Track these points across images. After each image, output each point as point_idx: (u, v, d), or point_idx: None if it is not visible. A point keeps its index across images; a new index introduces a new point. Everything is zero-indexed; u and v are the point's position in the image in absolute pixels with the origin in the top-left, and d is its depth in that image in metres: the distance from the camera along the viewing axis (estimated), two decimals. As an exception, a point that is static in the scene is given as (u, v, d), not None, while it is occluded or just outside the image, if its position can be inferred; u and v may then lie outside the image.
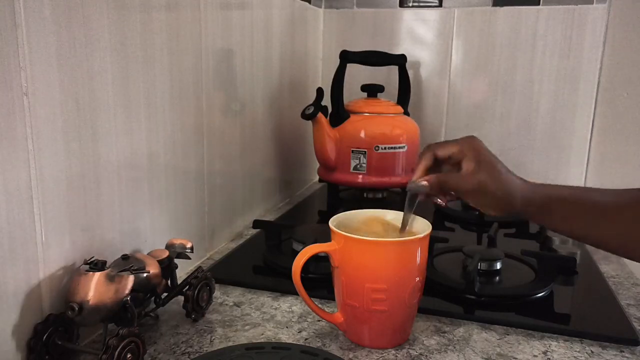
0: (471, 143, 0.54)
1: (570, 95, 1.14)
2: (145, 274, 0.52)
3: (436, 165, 0.56)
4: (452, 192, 0.55)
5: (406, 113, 1.08)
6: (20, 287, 0.46)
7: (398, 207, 0.58)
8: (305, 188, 1.25)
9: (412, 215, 0.57)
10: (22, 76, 0.44)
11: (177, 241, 0.60)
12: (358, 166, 1.00)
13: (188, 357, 0.51)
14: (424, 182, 0.54)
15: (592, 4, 1.09)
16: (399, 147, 1.00)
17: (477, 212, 0.98)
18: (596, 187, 0.54)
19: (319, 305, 0.56)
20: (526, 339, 0.56)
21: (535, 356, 0.53)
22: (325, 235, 0.56)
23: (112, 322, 0.50)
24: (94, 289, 0.46)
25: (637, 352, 0.54)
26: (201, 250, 0.77)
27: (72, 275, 0.49)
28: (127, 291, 0.49)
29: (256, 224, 0.82)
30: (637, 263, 0.65)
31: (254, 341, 0.54)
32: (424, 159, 0.56)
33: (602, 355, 0.54)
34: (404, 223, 0.57)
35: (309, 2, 1.17)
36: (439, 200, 0.57)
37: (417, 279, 0.53)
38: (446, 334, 0.57)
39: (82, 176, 0.52)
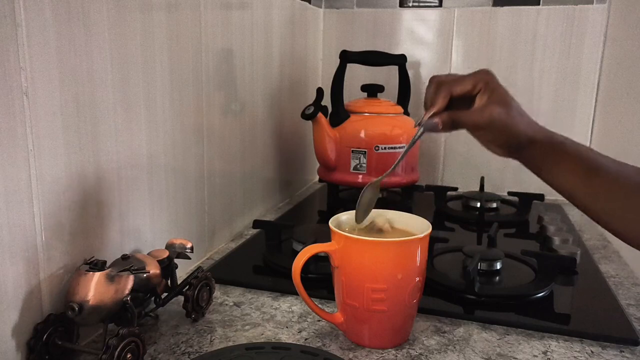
0: (485, 77, 0.53)
1: (570, 95, 1.14)
2: (145, 274, 0.52)
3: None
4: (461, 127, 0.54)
5: (406, 113, 1.08)
6: (20, 287, 0.46)
7: (398, 207, 0.58)
8: (305, 188, 1.25)
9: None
10: (22, 76, 0.44)
11: (177, 241, 0.60)
12: (358, 166, 1.00)
13: (188, 357, 0.51)
14: (436, 120, 0.53)
15: (592, 4, 1.09)
16: (399, 147, 1.00)
17: (477, 212, 0.98)
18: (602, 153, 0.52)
19: (319, 305, 0.56)
20: (526, 339, 0.56)
21: (535, 356, 0.53)
22: (325, 235, 0.56)
23: (112, 322, 0.50)
24: (94, 289, 0.46)
25: (637, 352, 0.54)
26: (201, 250, 0.77)
27: (72, 275, 0.49)
28: (127, 291, 0.49)
29: (256, 224, 0.82)
30: (638, 262, 0.64)
31: (254, 341, 0.54)
32: (441, 99, 0.53)
33: (602, 355, 0.54)
34: (404, 153, 0.56)
35: (309, 2, 1.17)
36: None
37: (417, 279, 0.53)
38: (446, 334, 0.57)
39: (82, 176, 0.52)
